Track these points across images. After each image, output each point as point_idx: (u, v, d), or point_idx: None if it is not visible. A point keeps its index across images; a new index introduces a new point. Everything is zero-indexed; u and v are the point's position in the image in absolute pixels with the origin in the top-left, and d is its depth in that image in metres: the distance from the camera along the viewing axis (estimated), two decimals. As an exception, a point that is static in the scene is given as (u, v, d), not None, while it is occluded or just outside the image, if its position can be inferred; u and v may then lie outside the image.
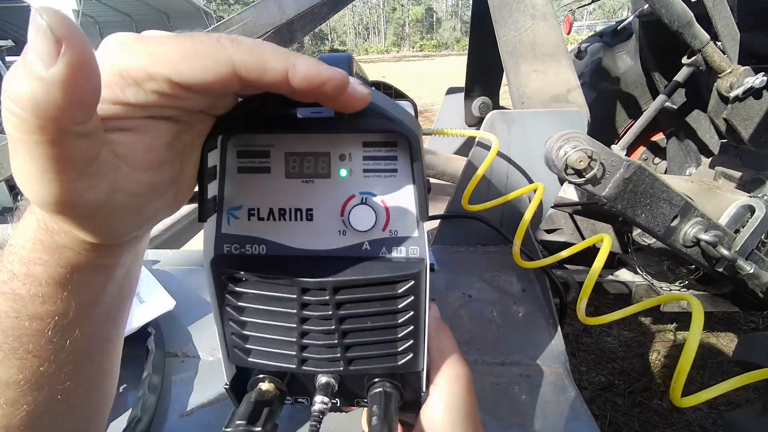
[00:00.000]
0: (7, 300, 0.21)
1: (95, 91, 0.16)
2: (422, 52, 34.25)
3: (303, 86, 0.19)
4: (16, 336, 0.22)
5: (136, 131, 0.20)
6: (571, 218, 1.51)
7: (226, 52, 0.18)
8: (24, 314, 0.21)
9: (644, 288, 1.17)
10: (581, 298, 0.42)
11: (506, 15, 0.76)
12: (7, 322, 0.21)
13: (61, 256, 0.21)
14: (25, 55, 0.15)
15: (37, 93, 0.14)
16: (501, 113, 0.65)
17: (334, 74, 0.20)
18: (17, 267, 0.21)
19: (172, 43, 0.18)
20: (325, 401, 0.29)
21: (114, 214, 0.20)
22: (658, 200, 0.63)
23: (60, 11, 0.15)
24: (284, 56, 0.19)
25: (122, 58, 0.18)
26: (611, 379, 1.45)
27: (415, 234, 0.28)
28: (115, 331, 0.28)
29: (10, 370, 0.22)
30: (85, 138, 0.17)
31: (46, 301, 0.21)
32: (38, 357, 0.22)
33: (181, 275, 0.65)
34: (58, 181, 0.17)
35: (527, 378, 0.48)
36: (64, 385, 0.24)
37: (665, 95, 1.19)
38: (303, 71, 0.19)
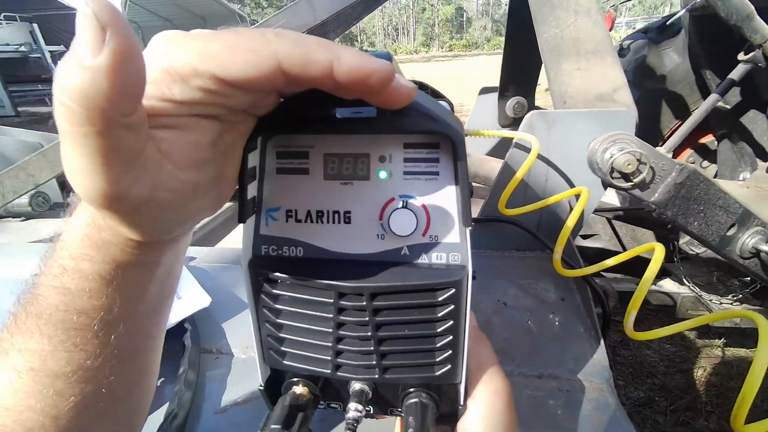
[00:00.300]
0: (57, 294, 0.22)
1: (140, 81, 0.16)
2: (452, 51, 33.91)
3: (348, 79, 0.19)
4: (65, 329, 0.22)
5: (181, 129, 0.20)
6: (610, 224, 1.44)
7: (270, 46, 0.18)
8: (72, 308, 0.22)
9: (691, 300, 1.09)
10: (629, 311, 0.40)
11: (547, 12, 0.73)
12: (57, 315, 0.22)
13: (107, 252, 0.21)
14: (73, 45, 0.15)
15: (84, 83, 0.15)
16: (541, 113, 0.62)
17: (379, 66, 0.19)
18: (67, 262, 0.22)
19: (218, 40, 0.18)
20: (359, 408, 0.28)
21: (157, 211, 0.20)
22: (714, 207, 0.58)
23: (106, 0, 0.15)
24: (328, 48, 0.18)
25: (169, 55, 0.18)
26: (651, 395, 1.37)
27: (457, 240, 0.27)
28: (156, 328, 0.28)
29: (59, 362, 0.23)
30: (130, 131, 0.17)
31: (92, 296, 0.22)
32: (84, 351, 0.23)
33: (217, 272, 0.66)
34: (104, 173, 0.17)
35: (567, 393, 0.46)
36: (109, 379, 0.25)
37: (718, 94, 1.11)
38: (348, 63, 0.18)
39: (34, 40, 9.55)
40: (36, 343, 0.22)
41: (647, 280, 0.39)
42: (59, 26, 10.69)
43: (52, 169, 0.78)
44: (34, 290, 0.23)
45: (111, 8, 0.15)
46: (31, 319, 0.22)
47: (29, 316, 0.22)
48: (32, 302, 0.23)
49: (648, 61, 1.51)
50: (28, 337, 0.22)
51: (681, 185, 0.56)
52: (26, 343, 0.22)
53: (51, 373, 0.23)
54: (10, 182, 0.80)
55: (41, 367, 0.22)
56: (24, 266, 0.72)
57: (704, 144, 1.50)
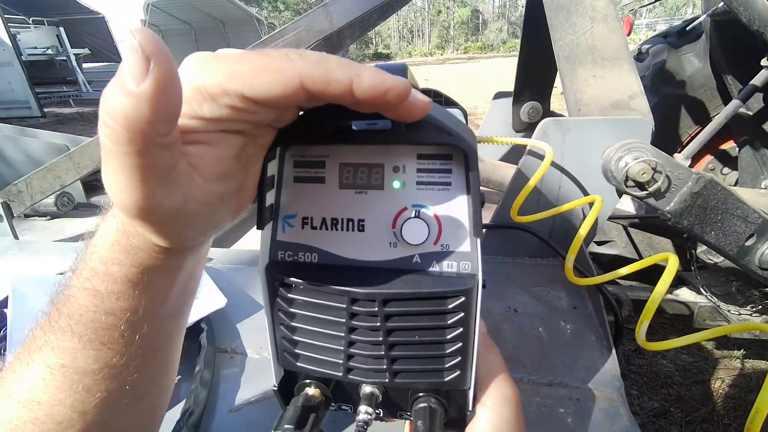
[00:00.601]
0: (88, 295, 0.23)
1: (177, 105, 0.18)
2: (466, 54, 33.76)
3: (367, 95, 0.20)
4: (94, 329, 0.24)
5: (210, 144, 0.21)
6: (625, 231, 1.42)
7: (293, 65, 0.19)
8: (101, 309, 0.23)
9: (708, 310, 1.07)
10: (642, 321, 0.39)
11: (563, 18, 0.73)
12: (87, 315, 0.23)
13: (135, 257, 0.23)
14: (119, 72, 0.16)
15: (128, 107, 0.16)
16: (555, 121, 0.62)
17: (396, 83, 0.20)
18: (98, 265, 0.23)
19: (245, 60, 0.19)
20: (369, 411, 0.29)
21: (185, 221, 0.21)
22: (731, 217, 0.57)
23: (150, 31, 0.16)
24: (348, 67, 0.19)
25: (200, 75, 0.19)
26: (666, 405, 1.34)
27: (468, 249, 0.28)
28: (177, 328, 0.29)
29: (87, 360, 0.24)
30: (166, 149, 0.18)
31: (120, 298, 0.23)
32: (111, 349, 0.24)
33: (232, 273, 0.68)
34: (141, 188, 0.18)
35: (577, 401, 0.46)
36: (132, 376, 0.26)
37: (739, 100, 1.09)
38: (367, 81, 0.19)
39: (60, 43, 9.88)
40: (68, 341, 0.24)
41: (660, 292, 0.39)
42: (83, 29, 11.03)
43: (78, 170, 0.81)
44: (67, 291, 0.24)
45: (155, 40, 0.16)
46: (64, 318, 0.24)
47: (62, 315, 0.24)
48: (65, 302, 0.24)
49: (667, 66, 1.48)
50: (60, 335, 0.24)
51: (697, 194, 0.55)
52: (59, 341, 0.24)
53: (80, 369, 0.24)
54: (38, 183, 0.83)
55: (71, 364, 0.24)
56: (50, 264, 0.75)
57: (725, 150, 1.47)
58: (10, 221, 0.85)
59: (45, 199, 0.89)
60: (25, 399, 0.24)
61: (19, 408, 0.24)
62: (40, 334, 0.24)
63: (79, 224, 1.00)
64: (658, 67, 1.48)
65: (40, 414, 0.24)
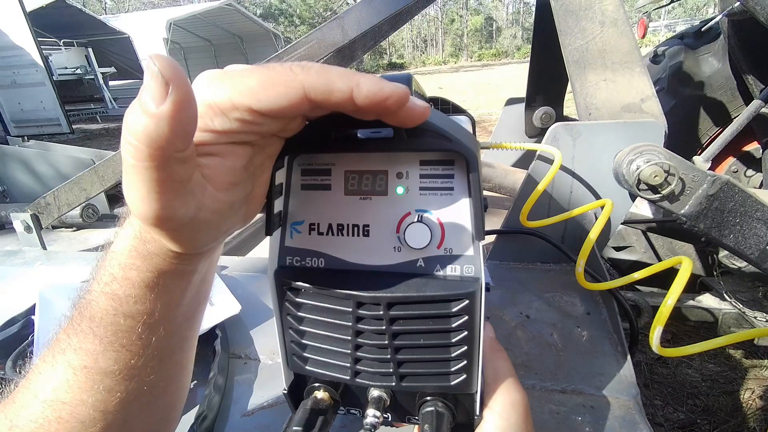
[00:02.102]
0: (108, 299, 0.25)
1: (193, 122, 0.19)
2: (480, 61, 33.73)
3: (366, 102, 0.21)
4: (114, 331, 0.25)
5: (221, 155, 0.23)
6: (644, 235, 1.39)
7: (297, 78, 0.20)
8: (120, 312, 0.25)
9: (733, 317, 1.03)
10: (655, 326, 0.39)
11: (572, 24, 0.73)
12: (107, 319, 0.25)
13: (151, 262, 0.24)
14: (140, 94, 0.18)
15: (149, 127, 0.18)
16: (565, 125, 0.62)
17: (394, 90, 0.21)
18: (116, 270, 0.24)
19: (251, 75, 0.21)
20: (377, 415, 0.29)
21: (198, 228, 0.23)
22: (751, 219, 0.56)
23: (169, 58, 0.18)
24: (348, 77, 0.21)
25: (211, 92, 0.21)
26: (692, 417, 1.29)
27: (471, 253, 0.28)
28: (191, 331, 0.30)
29: (108, 361, 0.25)
30: (183, 163, 0.20)
31: (137, 302, 0.25)
32: (130, 351, 0.26)
33: (246, 281, 0.69)
34: (158, 199, 0.20)
35: (591, 409, 0.45)
36: (149, 377, 0.27)
37: (761, 100, 1.06)
38: (366, 89, 0.20)
39: (89, 62, 10.34)
40: (89, 344, 0.25)
41: (673, 296, 0.38)
42: (110, 49, 11.54)
43: (102, 183, 0.85)
44: (88, 296, 0.26)
45: (173, 66, 0.18)
46: (86, 321, 0.25)
47: (83, 318, 0.25)
48: (86, 306, 0.25)
49: (684, 68, 1.45)
50: (82, 337, 0.25)
51: (713, 197, 0.54)
52: (81, 343, 0.25)
53: (101, 371, 0.25)
54: (65, 195, 0.87)
55: (93, 365, 0.25)
56: (75, 273, 0.78)
57: (748, 152, 1.42)
58: (39, 232, 0.89)
59: (71, 211, 0.93)
60: (50, 399, 0.25)
61: (45, 407, 0.25)
62: (63, 337, 0.26)
63: (104, 235, 1.04)
64: (675, 68, 1.45)
65: (64, 413, 0.25)
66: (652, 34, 16.50)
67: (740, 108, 1.33)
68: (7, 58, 7.29)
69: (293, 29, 33.49)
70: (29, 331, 0.55)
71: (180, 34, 13.36)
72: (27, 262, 0.84)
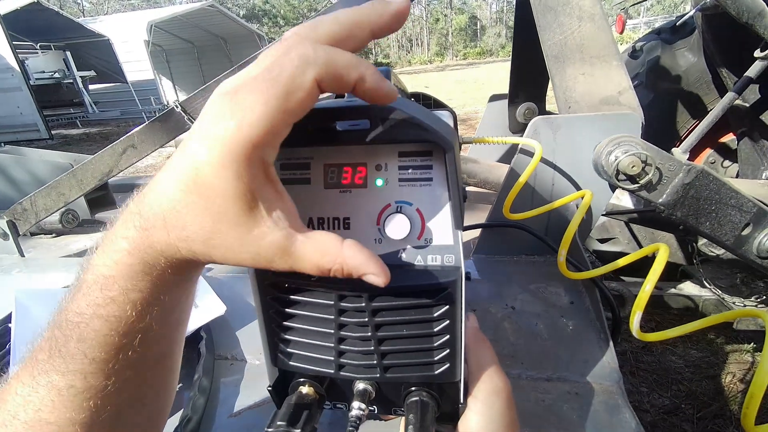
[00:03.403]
0: (103, 321, 0.23)
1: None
2: (466, 60, 33.97)
3: (366, 96, 0.23)
4: (108, 350, 0.24)
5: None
6: (627, 227, 1.42)
7: (308, 75, 0.20)
8: (117, 332, 0.23)
9: (713, 303, 1.06)
10: (634, 312, 0.40)
11: (551, 19, 0.74)
12: (101, 339, 0.23)
13: (158, 279, 0.23)
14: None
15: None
16: (545, 119, 0.63)
17: (390, 91, 0.23)
18: (117, 294, 0.23)
19: (268, 98, 0.20)
20: (362, 407, 0.29)
21: None
22: (726, 207, 0.57)
23: None
24: (356, 66, 0.22)
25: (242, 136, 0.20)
26: (677, 402, 1.32)
27: (451, 242, 0.28)
28: (181, 334, 0.30)
29: (99, 379, 0.24)
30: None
31: (138, 320, 0.24)
32: (124, 366, 0.24)
33: (231, 282, 0.68)
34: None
35: (576, 396, 0.46)
36: (141, 387, 0.26)
37: (735, 92, 1.09)
38: (369, 82, 0.22)
39: (67, 66, 10.10)
40: (78, 364, 0.23)
41: (651, 281, 0.39)
42: (90, 53, 11.27)
43: (81, 187, 0.83)
44: (75, 317, 0.23)
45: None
46: (73, 342, 0.23)
47: (70, 340, 0.23)
48: (74, 327, 0.23)
49: (662, 62, 1.49)
50: (69, 358, 0.23)
51: (689, 185, 0.55)
52: (68, 365, 0.23)
53: (91, 388, 0.24)
54: (42, 201, 0.85)
55: (83, 385, 0.24)
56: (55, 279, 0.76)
57: (725, 143, 1.47)
58: (16, 239, 0.87)
59: (50, 216, 0.90)
60: (33, 419, 0.24)
61: (27, 428, 0.24)
62: (44, 357, 0.24)
63: (85, 240, 1.02)
64: (653, 63, 1.49)
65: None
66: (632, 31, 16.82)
67: (716, 100, 1.37)
68: (-19, 62, 7.09)
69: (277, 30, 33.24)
70: (6, 339, 0.53)
71: (161, 36, 13.13)
72: (4, 270, 0.82)
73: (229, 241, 0.22)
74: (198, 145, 0.20)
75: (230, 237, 0.21)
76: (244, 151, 0.20)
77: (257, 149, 0.20)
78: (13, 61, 7.20)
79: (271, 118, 0.20)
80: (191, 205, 0.21)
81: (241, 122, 0.20)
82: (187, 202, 0.21)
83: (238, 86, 0.21)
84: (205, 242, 0.21)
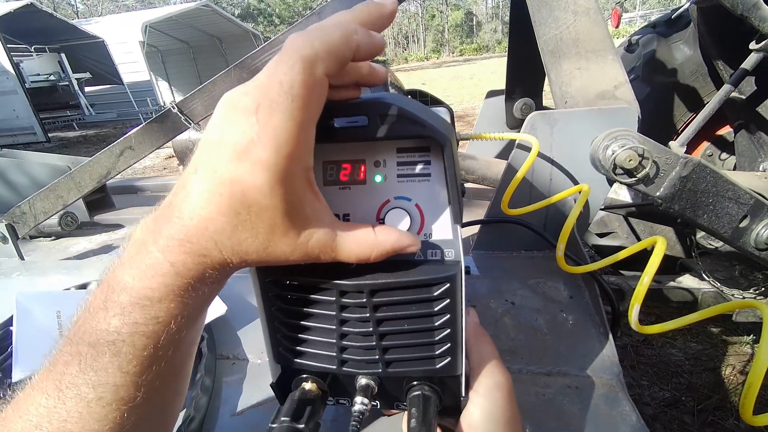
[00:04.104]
0: (144, 339, 0.23)
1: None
2: (462, 56, 33.92)
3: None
4: (143, 363, 0.24)
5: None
6: (626, 221, 1.42)
7: (318, 74, 0.22)
8: (155, 345, 0.23)
9: (712, 295, 1.06)
10: (633, 305, 0.40)
11: (546, 14, 0.74)
12: (137, 353, 0.23)
13: (201, 293, 0.24)
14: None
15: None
16: (542, 114, 0.63)
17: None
18: (161, 314, 0.23)
19: (294, 110, 0.21)
20: (365, 402, 0.29)
21: None
22: (723, 199, 0.58)
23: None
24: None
25: (280, 156, 0.22)
26: (677, 395, 1.33)
27: (450, 237, 0.28)
28: (199, 334, 0.30)
29: (130, 390, 0.24)
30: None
31: (176, 332, 0.24)
32: (155, 377, 0.24)
33: (232, 281, 0.68)
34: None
35: (576, 390, 0.46)
36: (165, 395, 0.27)
37: (731, 85, 1.09)
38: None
39: (62, 68, 10.06)
40: (111, 378, 0.23)
41: (648, 274, 0.39)
42: (84, 54, 11.22)
43: (79, 189, 0.83)
44: (109, 337, 0.23)
45: None
46: (107, 357, 0.23)
47: (102, 355, 0.23)
48: (108, 345, 0.23)
49: (658, 56, 1.49)
50: (102, 372, 0.23)
51: (686, 178, 0.55)
52: (99, 378, 0.23)
53: (120, 399, 0.24)
54: (41, 204, 0.85)
55: (113, 398, 0.23)
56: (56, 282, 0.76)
57: (722, 136, 1.47)
58: (15, 243, 0.87)
59: (49, 219, 0.90)
60: (57, 430, 0.23)
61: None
62: (73, 372, 0.24)
63: (84, 243, 1.02)
64: (649, 56, 1.49)
65: None
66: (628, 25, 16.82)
67: (712, 93, 1.37)
68: (-25, 66, 7.05)
69: (273, 29, 33.13)
70: (8, 342, 0.53)
71: (157, 37, 13.08)
72: (4, 273, 0.82)
73: (282, 247, 0.23)
74: (235, 168, 0.21)
75: (283, 243, 0.23)
76: (287, 169, 0.21)
77: (297, 163, 0.22)
78: (7, 63, 7.18)
79: (301, 131, 0.22)
80: (244, 224, 0.22)
81: (278, 144, 0.21)
82: (237, 222, 0.22)
83: (258, 102, 0.21)
84: (259, 252, 0.23)
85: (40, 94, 9.44)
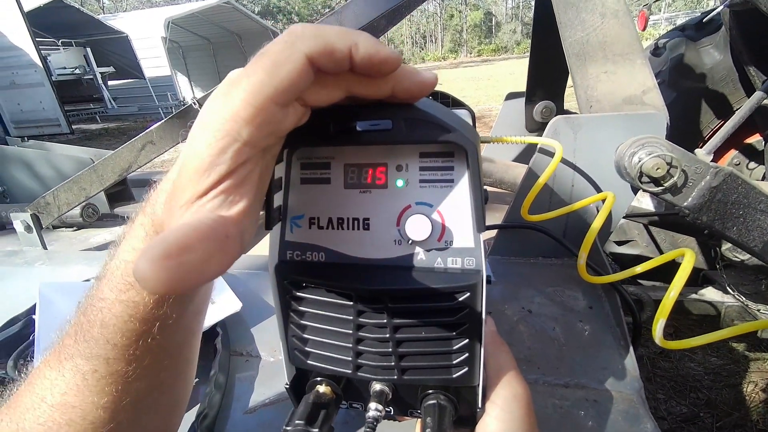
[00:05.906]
0: (124, 306, 0.24)
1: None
2: (480, 57, 33.63)
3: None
4: (129, 336, 0.25)
5: (251, 164, 0.22)
6: (646, 229, 1.38)
7: (297, 48, 0.20)
8: (136, 318, 0.24)
9: (736, 310, 1.03)
10: (658, 319, 0.38)
11: (572, 16, 0.72)
12: (122, 325, 0.24)
13: None
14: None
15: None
16: (566, 118, 0.61)
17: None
18: (133, 279, 0.24)
19: (256, 73, 0.20)
20: (379, 408, 0.29)
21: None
22: (754, 211, 0.55)
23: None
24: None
25: (227, 111, 0.20)
26: (695, 410, 1.29)
27: (472, 245, 0.28)
28: (199, 325, 0.30)
29: (120, 364, 0.25)
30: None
31: (155, 307, 0.24)
32: (143, 353, 0.25)
33: (247, 278, 0.69)
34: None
35: (594, 403, 0.45)
36: (160, 374, 0.27)
37: (763, 91, 1.05)
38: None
39: (87, 62, 10.31)
40: (101, 349, 0.24)
41: (676, 288, 0.38)
42: (108, 49, 11.50)
43: (101, 182, 0.85)
44: (99, 303, 0.25)
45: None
46: (96, 328, 0.25)
47: (93, 325, 0.25)
48: (97, 312, 0.25)
49: (686, 60, 1.44)
50: (93, 344, 0.25)
51: (716, 189, 0.53)
52: (92, 349, 0.25)
53: (113, 373, 0.25)
54: (64, 195, 0.87)
55: (105, 370, 0.25)
56: (76, 272, 0.77)
57: (751, 144, 1.42)
58: (39, 232, 0.89)
59: (71, 210, 0.93)
60: (59, 403, 0.25)
61: (53, 411, 0.25)
62: (70, 343, 0.25)
63: (104, 234, 1.04)
64: (677, 61, 1.44)
65: (75, 416, 0.25)
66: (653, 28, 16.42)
67: (742, 100, 1.32)
68: (6, 58, 7.29)
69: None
70: (30, 330, 0.55)
71: (178, 33, 13.31)
72: (28, 262, 0.84)
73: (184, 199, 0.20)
74: (193, 133, 0.21)
75: (186, 194, 0.20)
76: (221, 124, 0.20)
77: (235, 122, 0.19)
78: (36, 57, 7.39)
79: (255, 93, 0.19)
80: (180, 173, 0.21)
81: (228, 98, 0.20)
82: (178, 172, 0.21)
83: (240, 71, 0.21)
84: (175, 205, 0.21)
85: (65, 87, 9.71)
